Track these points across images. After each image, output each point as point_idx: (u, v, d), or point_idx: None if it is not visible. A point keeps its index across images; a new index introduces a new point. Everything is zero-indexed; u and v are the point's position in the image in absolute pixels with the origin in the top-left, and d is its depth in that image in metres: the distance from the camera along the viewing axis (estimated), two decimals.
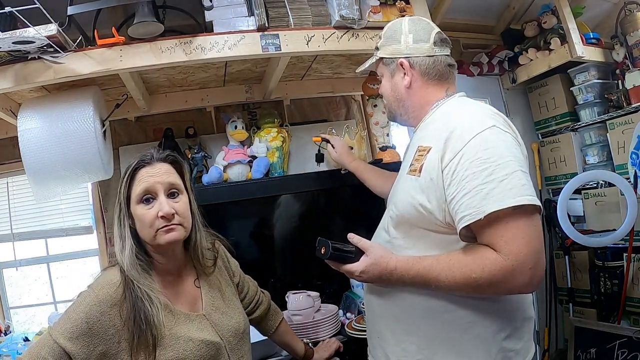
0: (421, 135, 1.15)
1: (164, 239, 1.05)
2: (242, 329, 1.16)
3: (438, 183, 1.00)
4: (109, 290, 1.00)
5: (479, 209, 0.92)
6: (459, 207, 0.95)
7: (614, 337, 2.36)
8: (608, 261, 2.60)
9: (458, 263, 0.97)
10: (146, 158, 1.09)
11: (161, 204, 1.05)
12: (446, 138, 1.00)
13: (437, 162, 1.01)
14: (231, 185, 1.99)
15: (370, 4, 1.73)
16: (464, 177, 0.95)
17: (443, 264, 0.99)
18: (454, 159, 0.97)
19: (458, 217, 0.96)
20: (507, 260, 0.91)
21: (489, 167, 0.93)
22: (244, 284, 1.33)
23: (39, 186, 1.68)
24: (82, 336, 0.95)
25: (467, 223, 0.94)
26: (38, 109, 1.64)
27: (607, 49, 2.62)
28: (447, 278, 0.97)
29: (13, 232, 2.25)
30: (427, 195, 1.02)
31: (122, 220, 1.07)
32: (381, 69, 1.24)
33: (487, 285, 0.94)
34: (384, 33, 1.23)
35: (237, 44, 1.58)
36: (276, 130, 2.12)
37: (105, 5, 1.53)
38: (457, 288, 0.98)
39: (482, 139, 0.96)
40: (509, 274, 0.91)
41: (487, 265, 0.92)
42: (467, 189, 0.94)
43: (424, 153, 1.06)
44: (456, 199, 0.95)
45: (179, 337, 1.01)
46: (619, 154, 2.54)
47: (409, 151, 1.20)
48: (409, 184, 1.09)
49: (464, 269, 0.95)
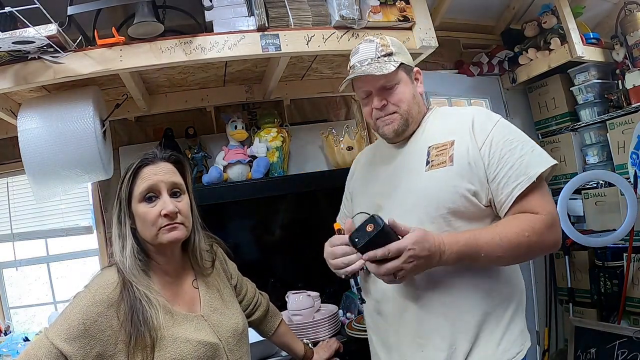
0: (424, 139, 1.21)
1: (166, 238, 1.05)
2: (241, 329, 1.15)
3: (478, 165, 1.10)
4: (106, 291, 0.99)
5: (527, 175, 1.06)
6: (507, 179, 1.07)
7: (614, 337, 2.36)
8: (608, 261, 2.61)
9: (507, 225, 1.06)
10: (150, 156, 1.09)
11: (165, 202, 1.05)
12: (469, 128, 1.14)
13: (470, 148, 1.11)
14: (231, 185, 1.99)
15: (370, 4, 1.73)
16: (502, 156, 1.08)
17: (492, 230, 1.06)
18: (486, 142, 1.11)
19: (510, 188, 1.06)
20: (548, 217, 1.06)
21: (518, 144, 1.09)
22: (242, 286, 1.33)
23: (39, 186, 1.68)
24: (79, 337, 0.94)
25: (522, 189, 1.05)
26: (38, 109, 1.64)
27: (607, 49, 2.62)
28: (501, 240, 1.02)
29: (13, 232, 2.25)
30: (468, 179, 1.10)
31: (122, 219, 1.07)
32: (399, 75, 1.20)
33: (537, 242, 1.04)
34: (391, 44, 1.22)
35: (237, 44, 1.58)
36: (276, 130, 2.12)
37: (105, 5, 1.53)
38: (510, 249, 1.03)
39: (502, 124, 1.14)
40: (551, 230, 1.07)
41: (536, 224, 1.04)
42: (509, 163, 1.07)
43: (447, 147, 1.14)
44: (501, 174, 1.08)
45: (177, 338, 1.01)
46: (619, 154, 2.54)
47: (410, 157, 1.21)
48: (440, 176, 1.12)
49: (517, 230, 1.03)
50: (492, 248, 1.02)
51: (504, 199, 1.08)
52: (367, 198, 1.28)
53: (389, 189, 1.21)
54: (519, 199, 1.06)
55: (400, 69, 1.19)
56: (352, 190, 1.40)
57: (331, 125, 2.27)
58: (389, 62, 1.17)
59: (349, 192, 1.43)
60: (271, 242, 2.15)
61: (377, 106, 1.20)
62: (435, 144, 1.17)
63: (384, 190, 1.23)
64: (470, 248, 1.02)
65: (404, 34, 1.79)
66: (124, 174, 1.08)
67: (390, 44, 1.21)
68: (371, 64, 1.17)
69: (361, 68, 1.18)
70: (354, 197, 1.37)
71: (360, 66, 1.18)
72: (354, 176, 1.42)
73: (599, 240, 2.47)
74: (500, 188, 1.08)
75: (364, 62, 1.18)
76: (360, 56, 1.20)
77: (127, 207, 1.07)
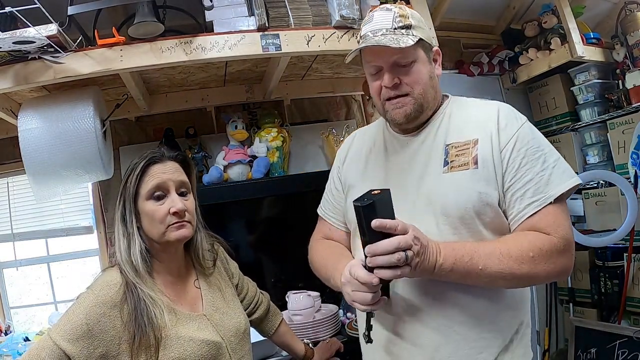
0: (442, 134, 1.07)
1: (175, 236, 1.05)
2: (243, 328, 1.16)
3: (497, 171, 0.99)
4: (108, 292, 0.99)
5: (545, 194, 0.95)
6: (523, 193, 0.96)
7: (615, 337, 2.36)
8: (608, 261, 2.60)
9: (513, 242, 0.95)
10: (157, 155, 1.09)
11: (173, 200, 1.05)
12: (495, 125, 1.02)
13: (492, 150, 1.00)
14: (231, 185, 1.99)
15: (370, 4, 1.73)
16: (523, 165, 0.97)
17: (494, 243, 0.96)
18: (509, 144, 0.99)
19: (524, 204, 0.96)
20: (560, 242, 0.94)
21: (541, 155, 0.98)
22: (243, 285, 1.33)
23: (39, 186, 1.68)
24: (82, 338, 0.94)
25: (538, 208, 0.95)
26: (38, 109, 1.64)
27: (607, 49, 2.61)
28: (501, 255, 0.92)
29: (13, 232, 2.25)
30: (492, 185, 0.99)
31: (128, 218, 1.05)
32: (417, 52, 1.04)
33: (542, 265, 0.93)
34: (411, 15, 1.05)
35: (238, 44, 1.58)
36: (276, 130, 2.12)
37: (106, 5, 1.53)
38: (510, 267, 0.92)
39: (528, 128, 1.02)
40: (562, 256, 0.95)
41: (545, 245, 0.93)
42: (529, 175, 0.97)
43: (469, 146, 1.02)
44: (517, 185, 0.97)
45: (180, 337, 1.01)
46: (619, 154, 2.53)
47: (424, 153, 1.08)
48: (462, 179, 1.00)
49: (521, 247, 0.93)
50: (492, 262, 0.92)
51: (515, 213, 0.98)
52: None
53: (396, 188, 0.98)
54: (530, 217, 0.96)
55: (418, 45, 1.03)
56: (346, 179, 1.21)
57: (331, 125, 2.27)
58: (407, 36, 1.01)
59: (341, 180, 1.24)
60: (271, 242, 2.15)
61: (388, 84, 1.03)
62: (454, 142, 1.04)
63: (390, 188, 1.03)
64: (468, 255, 0.92)
65: None
66: (130, 171, 1.07)
67: (410, 15, 1.05)
68: (386, 35, 1.00)
69: (374, 38, 1.01)
70: (350, 189, 1.18)
71: (373, 36, 1.02)
72: (346, 163, 1.24)
73: (600, 240, 2.47)
74: (513, 201, 0.98)
75: (377, 32, 1.02)
76: (374, 25, 1.03)
77: (134, 205, 1.06)
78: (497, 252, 0.93)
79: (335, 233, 1.27)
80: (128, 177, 1.07)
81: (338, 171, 1.27)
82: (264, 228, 2.16)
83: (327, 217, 1.29)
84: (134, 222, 1.05)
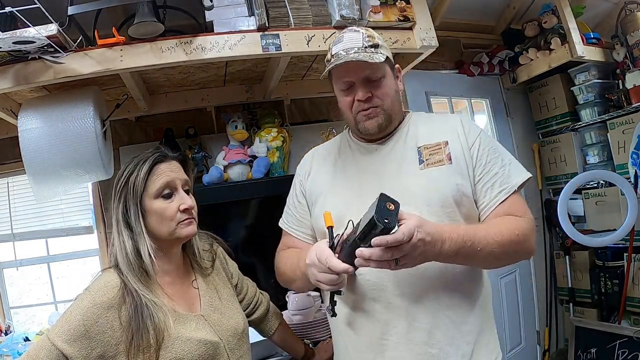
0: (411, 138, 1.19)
1: (185, 232, 1.07)
2: (242, 328, 1.16)
3: (469, 164, 1.14)
4: (106, 293, 0.99)
5: (509, 184, 1.12)
6: (492, 184, 1.13)
7: (615, 337, 2.36)
8: (608, 261, 2.61)
9: (500, 224, 1.08)
10: (163, 153, 1.10)
11: (183, 197, 1.08)
12: (460, 130, 1.17)
13: (463, 149, 1.15)
14: (231, 185, 1.99)
15: (370, 4, 1.73)
16: (488, 161, 1.14)
17: (487, 225, 1.09)
18: (475, 144, 1.16)
19: (494, 193, 1.12)
20: (530, 222, 1.11)
21: (499, 154, 1.16)
22: (242, 286, 1.33)
23: (40, 186, 1.68)
24: (80, 338, 0.95)
25: (507, 195, 1.12)
26: (38, 109, 1.64)
27: (607, 49, 2.62)
28: (495, 235, 1.04)
29: (13, 232, 2.25)
30: (465, 178, 1.13)
31: (134, 217, 1.05)
32: (385, 68, 1.15)
33: (523, 242, 1.08)
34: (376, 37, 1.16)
35: (238, 44, 1.58)
36: (276, 130, 2.12)
37: (106, 5, 1.53)
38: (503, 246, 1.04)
39: (485, 134, 1.20)
40: (533, 234, 1.12)
41: (522, 224, 1.09)
42: (494, 170, 1.13)
43: (441, 146, 1.16)
44: (486, 178, 1.13)
45: (177, 338, 1.01)
46: (619, 154, 2.54)
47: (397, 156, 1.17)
48: (439, 173, 1.13)
49: (509, 227, 1.07)
50: (488, 242, 1.03)
51: (487, 202, 1.12)
52: (342, 197, 1.18)
53: (374, 188, 1.07)
54: (500, 204, 1.12)
55: (386, 62, 1.14)
56: (312, 191, 1.27)
57: (331, 125, 2.27)
58: (376, 53, 1.11)
59: (305, 195, 1.29)
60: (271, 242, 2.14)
61: (362, 98, 1.12)
62: (426, 144, 1.17)
63: (366, 189, 1.13)
64: (469, 239, 1.00)
65: (405, 34, 1.79)
66: (132, 170, 1.06)
67: (376, 36, 1.16)
68: (359, 53, 1.10)
69: (348, 55, 1.09)
70: (319, 198, 1.23)
71: (347, 54, 1.10)
72: (310, 176, 1.30)
73: (600, 240, 2.47)
74: (484, 191, 1.13)
75: (350, 51, 1.10)
76: (345, 44, 1.12)
77: (140, 204, 1.06)
78: (491, 232, 1.04)
79: (299, 244, 1.31)
80: (130, 176, 1.06)
81: (301, 185, 1.32)
82: (264, 228, 2.16)
83: (291, 230, 1.33)
84: (141, 222, 1.05)
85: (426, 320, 1.07)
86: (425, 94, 2.58)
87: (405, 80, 2.46)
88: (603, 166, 2.66)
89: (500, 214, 1.11)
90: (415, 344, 1.07)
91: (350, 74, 1.13)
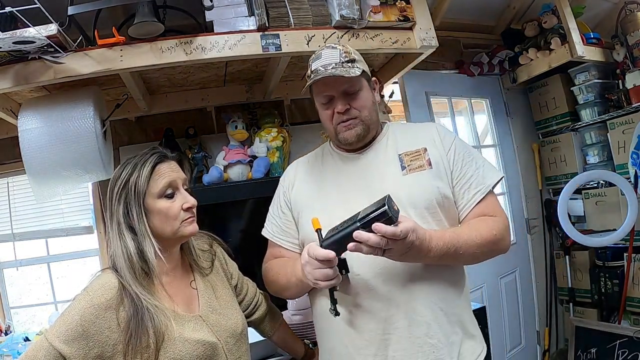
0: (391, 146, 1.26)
1: (189, 230, 1.08)
2: (240, 329, 1.15)
3: (447, 169, 1.21)
4: (104, 294, 0.99)
5: (484, 185, 1.21)
6: (469, 185, 1.21)
7: (615, 337, 2.36)
8: (608, 261, 2.61)
9: (478, 226, 1.16)
10: (163, 154, 1.11)
11: (185, 196, 1.09)
12: (436, 137, 1.26)
13: (441, 154, 1.23)
14: (231, 185, 1.99)
15: (370, 4, 1.73)
16: (464, 165, 1.22)
17: (468, 228, 1.16)
18: (451, 149, 1.24)
19: (472, 194, 1.20)
20: (504, 220, 1.21)
21: (473, 158, 1.25)
22: (242, 286, 1.32)
23: (40, 186, 1.68)
24: (78, 339, 0.95)
25: (483, 195, 1.20)
26: (38, 109, 1.64)
27: (607, 49, 2.62)
28: (476, 237, 1.12)
29: (13, 232, 2.25)
30: (444, 181, 1.20)
31: (137, 218, 1.05)
32: (361, 82, 1.22)
33: (500, 240, 1.17)
34: (353, 52, 1.24)
35: (238, 44, 1.58)
36: (276, 130, 2.12)
37: (106, 5, 1.53)
38: (483, 246, 1.13)
39: (459, 140, 1.29)
40: (508, 231, 1.22)
41: (498, 224, 1.18)
42: (469, 173, 1.21)
43: (420, 152, 1.23)
44: (463, 180, 1.21)
45: (175, 338, 1.01)
46: (619, 154, 2.54)
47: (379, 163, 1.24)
48: (422, 178, 1.19)
49: (487, 228, 1.15)
50: (470, 245, 1.11)
51: (465, 202, 1.20)
52: (329, 204, 1.22)
53: (359, 194, 1.18)
54: (477, 204, 1.20)
55: (362, 75, 1.21)
56: (297, 201, 1.31)
57: None
58: (353, 68, 1.19)
59: (289, 205, 1.33)
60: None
61: (341, 110, 1.19)
62: (406, 151, 1.24)
63: (353, 195, 1.19)
64: (453, 245, 1.08)
65: (405, 34, 1.79)
66: (132, 171, 1.07)
67: (352, 52, 1.24)
68: (336, 68, 1.17)
69: (327, 71, 1.17)
70: (305, 207, 1.27)
71: (325, 70, 1.17)
72: (295, 187, 1.34)
73: (600, 240, 2.47)
74: (462, 192, 1.21)
75: (328, 66, 1.18)
76: (324, 60, 1.19)
77: (143, 205, 1.06)
78: (472, 236, 1.12)
79: (286, 254, 1.33)
80: (130, 177, 1.06)
81: (285, 196, 1.36)
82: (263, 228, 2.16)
83: (277, 240, 1.35)
84: (144, 222, 1.05)
85: (425, 313, 1.12)
86: (425, 94, 2.58)
87: (405, 80, 2.46)
88: (603, 166, 2.66)
89: (477, 214, 1.19)
90: (417, 336, 1.11)
91: (329, 88, 1.20)
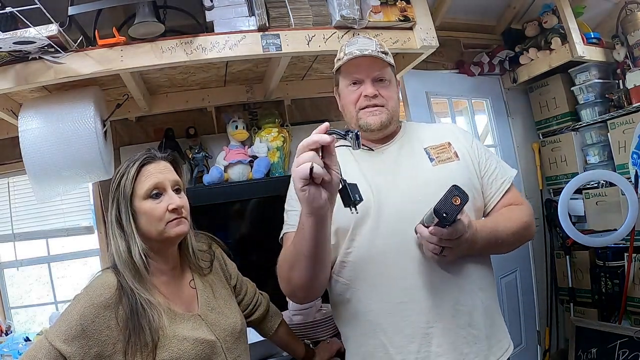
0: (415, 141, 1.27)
1: (175, 231, 1.07)
2: (239, 328, 1.16)
3: (473, 162, 1.25)
4: (104, 293, 1.00)
5: (507, 176, 1.27)
6: (495, 176, 1.25)
7: (615, 337, 2.36)
8: (609, 261, 2.60)
9: (510, 215, 1.20)
10: (150, 155, 1.11)
11: (171, 197, 1.08)
12: (456, 133, 1.30)
13: (465, 147, 1.26)
14: (232, 185, 1.99)
15: (370, 4, 1.73)
16: (487, 159, 1.27)
17: (500, 217, 1.20)
18: (472, 145, 1.28)
19: (499, 183, 1.24)
20: (530, 208, 1.25)
21: (491, 155, 1.30)
22: (241, 286, 1.33)
23: (40, 186, 1.69)
24: (77, 338, 0.95)
25: (509, 185, 1.25)
26: (39, 109, 1.64)
27: (607, 49, 2.61)
28: (512, 225, 1.16)
29: (14, 232, 2.25)
30: (473, 173, 1.23)
31: (126, 219, 1.06)
32: (391, 74, 1.26)
33: (530, 226, 1.22)
34: (385, 46, 1.26)
35: (238, 44, 1.58)
36: (277, 130, 2.12)
37: (106, 6, 1.53)
38: (517, 234, 1.18)
39: (476, 137, 1.32)
40: (533, 218, 1.24)
41: (526, 211, 1.23)
42: (492, 166, 1.26)
43: (445, 146, 1.25)
44: (489, 172, 1.25)
45: (174, 337, 1.01)
46: (620, 154, 2.53)
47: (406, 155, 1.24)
48: (452, 169, 1.20)
49: (519, 216, 1.20)
50: (507, 234, 1.15)
51: (494, 191, 1.24)
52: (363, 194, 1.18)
53: (386, 185, 1.16)
54: (504, 194, 1.24)
55: (392, 69, 1.26)
56: None
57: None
58: (387, 58, 1.23)
59: None
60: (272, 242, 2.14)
61: (370, 94, 1.19)
62: (431, 145, 1.25)
63: (379, 186, 1.16)
64: (494, 234, 1.12)
65: (405, 34, 1.79)
66: (123, 173, 1.08)
67: (385, 46, 1.27)
68: (373, 52, 1.20)
69: (366, 52, 1.18)
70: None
71: (361, 52, 1.19)
72: None
73: (600, 240, 2.46)
74: (489, 183, 1.24)
75: (365, 50, 1.19)
76: (361, 45, 1.21)
77: (130, 206, 1.07)
78: (508, 224, 1.16)
79: None
80: (121, 179, 1.08)
81: None
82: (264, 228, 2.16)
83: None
84: (131, 223, 1.06)
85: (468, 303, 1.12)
86: (426, 94, 2.57)
87: (405, 80, 2.46)
88: (603, 166, 2.65)
89: (505, 204, 1.23)
90: (462, 327, 1.10)
91: (361, 71, 1.21)
